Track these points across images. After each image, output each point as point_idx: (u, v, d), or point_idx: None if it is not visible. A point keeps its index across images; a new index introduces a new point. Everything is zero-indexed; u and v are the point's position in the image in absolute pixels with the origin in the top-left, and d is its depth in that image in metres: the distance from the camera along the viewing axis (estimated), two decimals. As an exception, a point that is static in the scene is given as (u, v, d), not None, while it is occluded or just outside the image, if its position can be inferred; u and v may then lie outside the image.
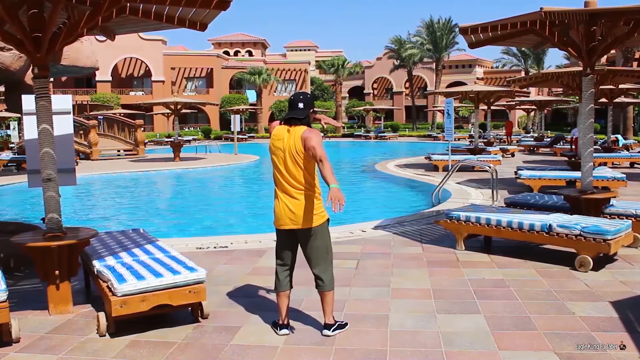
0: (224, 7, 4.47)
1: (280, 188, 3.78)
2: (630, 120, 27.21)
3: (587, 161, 6.75)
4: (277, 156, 3.76)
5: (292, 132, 3.73)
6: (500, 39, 7.26)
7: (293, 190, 3.72)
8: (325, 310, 3.89)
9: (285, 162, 3.71)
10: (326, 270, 3.82)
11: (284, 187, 3.75)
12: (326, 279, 3.81)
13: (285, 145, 3.72)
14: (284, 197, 3.75)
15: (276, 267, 3.97)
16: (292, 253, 3.93)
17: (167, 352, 3.72)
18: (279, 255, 3.95)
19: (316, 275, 3.83)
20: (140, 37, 46.26)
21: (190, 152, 26.21)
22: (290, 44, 74.39)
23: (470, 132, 37.27)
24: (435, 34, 51.10)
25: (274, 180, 3.83)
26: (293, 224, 3.75)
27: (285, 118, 3.79)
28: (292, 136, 3.72)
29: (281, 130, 3.78)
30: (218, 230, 8.99)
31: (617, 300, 4.56)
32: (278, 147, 3.75)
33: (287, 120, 3.78)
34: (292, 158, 3.69)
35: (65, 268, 4.47)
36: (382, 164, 18.85)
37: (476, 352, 3.61)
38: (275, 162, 3.78)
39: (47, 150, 4.48)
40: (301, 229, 3.76)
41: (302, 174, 3.71)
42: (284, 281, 3.93)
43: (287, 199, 3.74)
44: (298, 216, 3.72)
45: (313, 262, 3.83)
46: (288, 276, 3.95)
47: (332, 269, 3.88)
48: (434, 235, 7.23)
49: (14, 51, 12.95)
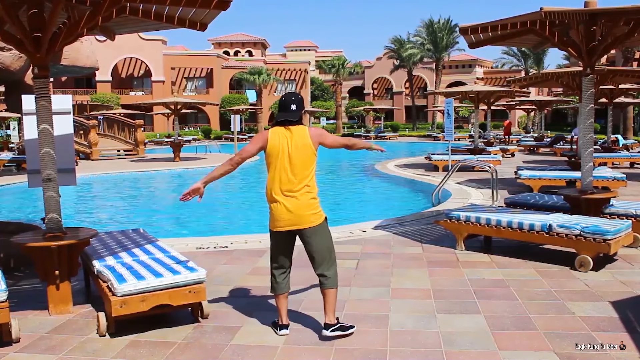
0: (224, 7, 4.48)
1: (282, 189, 3.73)
2: (630, 120, 27.23)
3: (587, 161, 6.75)
4: (280, 157, 3.71)
5: (295, 132, 3.72)
6: (500, 39, 7.26)
7: (295, 190, 3.70)
8: (326, 309, 3.86)
9: (291, 162, 3.69)
10: (330, 267, 3.81)
11: (287, 187, 3.71)
12: (330, 276, 3.80)
13: (291, 144, 3.70)
14: (285, 199, 3.72)
15: (272, 271, 3.93)
16: (290, 255, 3.92)
17: (167, 352, 3.72)
18: (275, 258, 3.91)
19: (320, 274, 3.81)
20: (140, 37, 46.28)
21: (190, 152, 26.21)
22: (290, 44, 74.42)
23: (470, 132, 37.28)
24: (435, 34, 51.12)
25: (271, 182, 3.77)
26: (294, 225, 3.74)
27: (279, 121, 3.77)
28: (296, 136, 3.71)
29: (281, 132, 3.75)
30: (218, 230, 8.99)
31: (617, 300, 4.56)
32: (281, 148, 3.71)
33: (281, 122, 3.77)
34: (299, 157, 3.68)
35: (65, 268, 4.46)
36: (382, 164, 18.84)
37: (476, 352, 3.61)
38: (276, 163, 3.73)
39: (47, 150, 4.48)
40: (303, 229, 3.75)
41: (307, 173, 3.71)
42: (282, 284, 3.91)
43: (288, 200, 3.71)
44: (300, 216, 3.71)
45: (317, 261, 3.81)
46: (286, 278, 3.93)
47: (336, 267, 3.87)
48: (434, 235, 7.23)
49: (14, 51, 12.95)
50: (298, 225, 3.74)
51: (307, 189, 3.74)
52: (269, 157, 3.77)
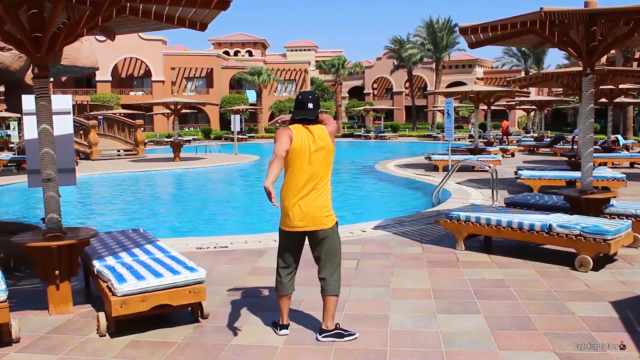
0: (224, 7, 4.47)
1: (298, 189, 3.67)
2: (630, 120, 27.24)
3: (587, 161, 6.75)
4: (301, 157, 3.64)
5: (315, 132, 3.67)
6: (500, 39, 7.26)
7: (311, 191, 3.66)
8: (324, 315, 3.84)
9: (311, 163, 3.64)
10: (333, 273, 3.77)
11: (303, 188, 3.66)
12: (332, 282, 3.76)
13: (312, 145, 3.64)
14: (300, 199, 3.67)
15: (279, 270, 3.88)
16: (297, 256, 3.89)
17: (167, 352, 3.72)
18: (283, 258, 3.86)
19: (321, 278, 3.78)
20: (140, 37, 46.26)
21: (190, 152, 26.20)
22: (290, 44, 74.40)
23: (470, 132, 37.29)
24: (435, 34, 51.09)
25: (288, 181, 3.72)
26: (306, 226, 3.70)
27: (296, 119, 3.72)
28: (317, 136, 3.66)
29: (302, 131, 3.68)
30: (218, 230, 8.99)
31: (617, 300, 4.56)
32: (303, 148, 3.64)
33: (299, 120, 3.72)
34: (318, 158, 3.64)
35: (65, 268, 4.47)
36: (382, 164, 18.85)
37: (476, 352, 3.61)
38: (296, 163, 3.65)
39: (47, 150, 4.48)
40: (314, 231, 3.72)
41: (325, 174, 3.68)
42: (288, 284, 3.87)
43: (303, 201, 3.67)
44: (313, 218, 3.67)
45: (321, 264, 3.78)
46: (292, 279, 3.90)
47: (340, 273, 3.82)
48: (434, 235, 7.23)
49: (14, 51, 12.94)
50: (310, 226, 3.70)
51: (323, 190, 3.70)
52: (290, 155, 3.65)
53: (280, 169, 3.64)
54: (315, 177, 3.67)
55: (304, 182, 3.66)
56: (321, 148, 3.67)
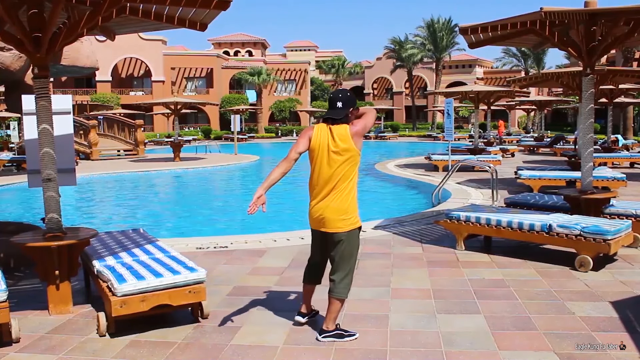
0: (224, 7, 4.48)
1: (315, 188, 3.71)
2: (630, 120, 27.24)
3: (587, 161, 6.75)
4: (319, 156, 3.66)
5: (336, 132, 3.66)
6: (500, 39, 7.26)
7: (326, 192, 3.66)
8: (326, 315, 3.85)
9: (328, 163, 3.64)
10: (343, 278, 3.74)
11: (319, 188, 3.68)
12: (340, 285, 3.73)
13: (330, 145, 3.64)
14: (316, 199, 3.70)
15: (309, 260, 4.02)
16: (320, 253, 3.92)
17: (167, 352, 3.72)
18: (313, 253, 3.98)
19: (332, 279, 3.77)
20: (140, 37, 46.25)
21: (190, 152, 26.20)
22: (290, 44, 74.39)
23: (470, 132, 37.29)
24: (435, 34, 51.11)
25: (310, 180, 3.75)
26: (318, 227, 3.74)
27: (324, 117, 3.74)
28: (336, 136, 3.64)
29: (324, 130, 3.69)
30: (218, 230, 8.99)
31: (617, 300, 4.56)
32: (321, 147, 3.65)
33: (326, 119, 3.73)
34: (336, 159, 3.62)
35: (65, 268, 4.46)
36: (382, 164, 18.84)
37: (476, 352, 3.61)
38: (315, 162, 3.69)
39: (47, 150, 4.48)
40: (328, 233, 3.71)
41: (343, 176, 3.64)
42: (312, 276, 3.98)
43: (318, 201, 3.69)
44: (326, 219, 3.67)
45: (334, 265, 3.77)
46: (315, 272, 3.98)
47: (350, 278, 3.79)
48: (434, 235, 7.23)
49: (14, 51, 12.95)
50: (322, 227, 3.71)
51: (344, 193, 3.66)
52: (310, 154, 3.72)
53: (281, 172, 3.69)
54: (334, 178, 3.64)
55: (324, 183, 3.66)
56: (344, 150, 3.63)
